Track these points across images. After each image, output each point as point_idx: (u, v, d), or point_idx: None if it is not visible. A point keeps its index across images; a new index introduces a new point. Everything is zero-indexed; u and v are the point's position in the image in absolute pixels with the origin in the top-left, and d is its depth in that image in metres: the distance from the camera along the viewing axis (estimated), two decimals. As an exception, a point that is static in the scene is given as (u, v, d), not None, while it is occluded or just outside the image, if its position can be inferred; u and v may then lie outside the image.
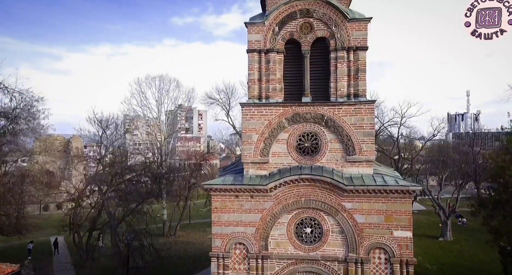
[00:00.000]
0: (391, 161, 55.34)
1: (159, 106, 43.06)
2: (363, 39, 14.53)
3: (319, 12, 14.70)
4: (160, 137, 40.27)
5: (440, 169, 68.19)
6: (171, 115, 42.31)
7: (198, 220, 48.86)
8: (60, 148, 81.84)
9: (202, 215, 48.78)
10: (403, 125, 54.14)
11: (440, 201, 40.65)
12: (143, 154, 45.48)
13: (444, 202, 44.63)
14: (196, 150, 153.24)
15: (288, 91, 15.08)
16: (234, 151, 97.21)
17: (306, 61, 14.84)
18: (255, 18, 15.73)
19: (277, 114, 14.59)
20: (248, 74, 15.03)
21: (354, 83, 14.53)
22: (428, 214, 46.50)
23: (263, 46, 14.81)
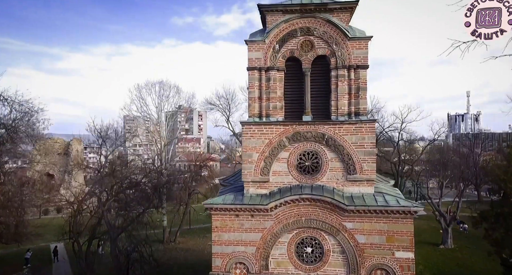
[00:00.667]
0: (391, 165, 55.45)
1: (159, 113, 43.07)
2: (364, 57, 14.45)
3: (319, 30, 14.61)
4: (160, 143, 40.19)
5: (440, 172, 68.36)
6: (171, 121, 42.15)
7: (198, 225, 48.80)
8: (60, 150, 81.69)
9: (202, 220, 48.74)
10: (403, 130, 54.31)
11: (441, 205, 40.56)
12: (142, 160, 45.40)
13: (445, 206, 44.49)
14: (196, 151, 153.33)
15: (289, 109, 15.01)
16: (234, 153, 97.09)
17: (307, 79, 14.75)
18: (255, 35, 15.65)
19: (278, 133, 14.51)
20: (248, 92, 14.94)
21: (355, 101, 14.45)
22: (428, 219, 46.26)
23: (263, 64, 14.72)
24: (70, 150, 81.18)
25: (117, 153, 47.56)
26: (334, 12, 14.87)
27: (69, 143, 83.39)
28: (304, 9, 14.83)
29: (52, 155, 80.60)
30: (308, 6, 14.82)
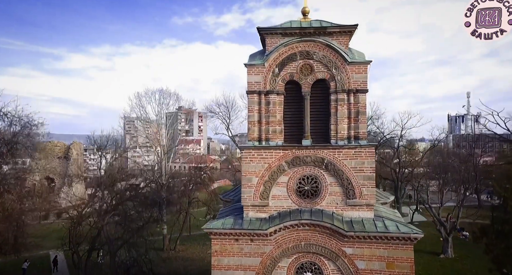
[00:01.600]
0: (391, 170, 55.36)
1: (159, 121, 42.90)
2: (363, 82, 14.44)
3: (319, 54, 14.59)
4: (160, 152, 40.16)
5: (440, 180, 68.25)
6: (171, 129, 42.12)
7: (198, 232, 48.49)
8: (60, 154, 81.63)
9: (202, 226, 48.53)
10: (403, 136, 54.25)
11: (441, 213, 40.40)
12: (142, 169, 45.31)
13: (445, 211, 44.21)
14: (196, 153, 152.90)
15: (288, 132, 14.98)
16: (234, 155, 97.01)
17: (307, 103, 14.73)
18: (254, 56, 15.64)
19: (277, 157, 14.49)
20: (248, 116, 14.94)
21: (355, 125, 14.44)
22: (429, 226, 46.07)
23: (263, 87, 14.70)
24: (70, 154, 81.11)
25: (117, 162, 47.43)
26: (333, 36, 14.87)
27: (69, 146, 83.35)
28: (303, 32, 14.83)
29: (52, 159, 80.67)
30: (307, 29, 14.82)
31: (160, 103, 43.60)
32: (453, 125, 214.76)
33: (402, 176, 55.60)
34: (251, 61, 15.21)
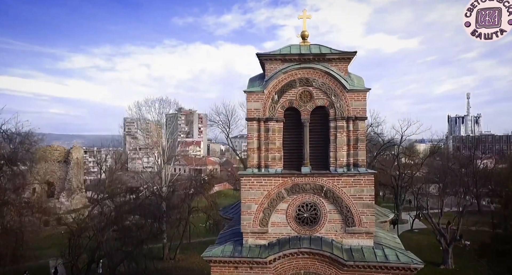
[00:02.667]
0: (391, 178, 55.44)
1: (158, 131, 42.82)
2: (362, 109, 14.45)
3: (318, 81, 14.59)
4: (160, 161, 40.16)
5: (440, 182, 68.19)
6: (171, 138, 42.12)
7: (198, 239, 48.53)
8: (60, 158, 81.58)
9: (202, 233, 48.48)
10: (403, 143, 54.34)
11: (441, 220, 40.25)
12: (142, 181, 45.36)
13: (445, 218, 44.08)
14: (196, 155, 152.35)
15: (288, 159, 14.99)
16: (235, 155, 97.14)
17: (306, 130, 14.73)
18: (254, 80, 15.66)
19: (276, 185, 14.49)
20: (247, 142, 14.94)
21: (354, 152, 14.45)
22: (429, 233, 46.09)
23: (262, 114, 14.69)
24: (70, 158, 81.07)
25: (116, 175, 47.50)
26: (332, 62, 14.89)
27: (69, 150, 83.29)
28: (302, 59, 14.85)
29: (52, 163, 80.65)
30: (306, 56, 14.84)
31: (160, 113, 43.61)
32: (453, 126, 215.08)
33: (402, 181, 55.67)
34: (250, 87, 15.22)
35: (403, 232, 48.80)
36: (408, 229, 50.45)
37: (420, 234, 48.03)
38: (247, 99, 14.85)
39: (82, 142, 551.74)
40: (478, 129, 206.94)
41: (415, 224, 52.50)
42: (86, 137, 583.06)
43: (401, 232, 48.43)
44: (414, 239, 46.14)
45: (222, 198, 77.65)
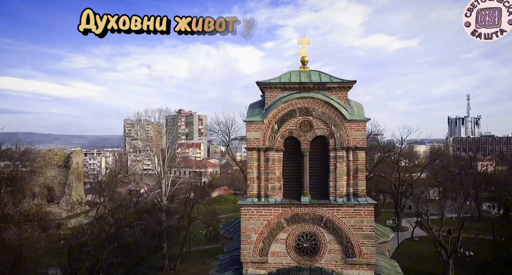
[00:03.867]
0: (391, 185, 55.43)
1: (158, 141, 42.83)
2: (362, 139, 14.46)
3: (318, 111, 14.59)
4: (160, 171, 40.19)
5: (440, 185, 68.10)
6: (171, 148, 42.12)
7: (198, 247, 48.56)
8: (60, 163, 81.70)
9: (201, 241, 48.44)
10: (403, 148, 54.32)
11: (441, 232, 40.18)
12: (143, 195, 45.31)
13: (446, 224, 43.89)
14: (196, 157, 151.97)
15: (287, 187, 14.98)
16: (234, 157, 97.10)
17: (306, 159, 14.72)
18: (254, 107, 15.66)
19: (276, 215, 14.49)
20: (247, 172, 14.95)
21: (353, 182, 14.45)
22: (429, 242, 45.91)
23: (262, 144, 14.68)
24: (70, 163, 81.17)
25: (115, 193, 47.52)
26: (332, 90, 14.91)
27: (69, 155, 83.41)
28: (302, 87, 14.85)
29: (52, 168, 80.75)
30: (306, 84, 14.86)
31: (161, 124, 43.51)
32: (453, 127, 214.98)
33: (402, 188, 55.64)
34: (250, 115, 15.23)
35: (403, 240, 48.79)
36: (408, 237, 50.38)
37: (420, 242, 47.91)
38: (247, 129, 14.85)
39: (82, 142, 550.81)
40: (478, 130, 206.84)
41: (416, 231, 52.34)
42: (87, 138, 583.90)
43: (401, 240, 48.46)
44: (415, 248, 46.19)
45: (222, 203, 77.69)
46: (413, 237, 49.89)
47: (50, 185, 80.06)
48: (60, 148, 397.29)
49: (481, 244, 44.22)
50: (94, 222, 27.70)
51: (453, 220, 43.26)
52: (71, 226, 67.37)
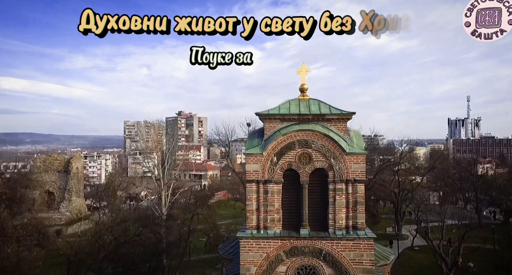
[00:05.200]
0: (392, 194, 55.40)
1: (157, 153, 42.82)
2: (361, 172, 14.43)
3: (317, 144, 14.56)
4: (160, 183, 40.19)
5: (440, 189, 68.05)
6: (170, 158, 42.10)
7: (198, 256, 48.39)
8: (60, 168, 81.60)
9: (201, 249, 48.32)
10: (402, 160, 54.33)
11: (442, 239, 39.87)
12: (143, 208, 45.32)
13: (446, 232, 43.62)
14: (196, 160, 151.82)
15: (287, 219, 14.96)
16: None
17: (305, 191, 14.70)
18: (253, 137, 15.63)
19: (275, 247, 14.46)
20: (246, 204, 14.94)
21: (353, 215, 14.44)
22: (429, 251, 45.79)
23: (261, 176, 14.66)
24: (70, 168, 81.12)
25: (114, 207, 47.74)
26: (331, 122, 14.90)
27: (69, 160, 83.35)
28: (301, 118, 14.83)
29: (52, 173, 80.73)
30: (305, 116, 14.83)
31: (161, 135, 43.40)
32: (453, 129, 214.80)
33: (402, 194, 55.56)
34: (249, 145, 15.22)
35: (403, 250, 48.61)
36: (408, 246, 50.24)
37: (420, 252, 47.71)
38: (246, 161, 14.84)
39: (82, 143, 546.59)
40: (478, 132, 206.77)
41: (416, 240, 52.11)
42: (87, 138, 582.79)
43: (401, 250, 48.27)
44: (415, 258, 46.06)
45: (222, 208, 77.39)
46: (413, 246, 49.74)
47: (50, 190, 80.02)
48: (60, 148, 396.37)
49: (481, 254, 44.17)
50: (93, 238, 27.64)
51: (453, 231, 42.96)
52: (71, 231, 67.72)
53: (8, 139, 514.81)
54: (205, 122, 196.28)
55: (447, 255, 37.16)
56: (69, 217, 76.14)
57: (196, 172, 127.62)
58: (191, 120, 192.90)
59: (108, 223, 30.68)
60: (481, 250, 45.61)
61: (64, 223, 73.60)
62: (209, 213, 42.61)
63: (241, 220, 58.67)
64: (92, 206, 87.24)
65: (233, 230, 63.11)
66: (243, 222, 16.75)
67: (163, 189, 39.83)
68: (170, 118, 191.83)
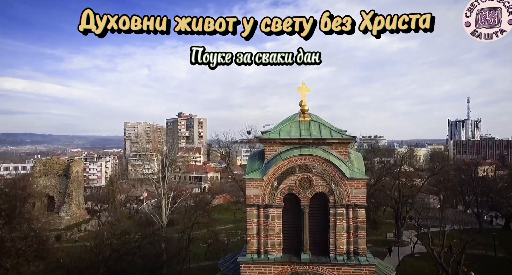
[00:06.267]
0: (392, 200, 55.28)
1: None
2: (362, 197, 14.36)
3: (318, 168, 14.49)
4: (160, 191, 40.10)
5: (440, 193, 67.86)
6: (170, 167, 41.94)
7: (197, 263, 48.28)
8: (60, 172, 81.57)
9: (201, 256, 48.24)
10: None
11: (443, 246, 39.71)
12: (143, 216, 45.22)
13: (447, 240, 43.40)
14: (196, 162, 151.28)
15: (287, 244, 14.89)
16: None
17: (305, 216, 14.64)
18: (254, 160, 15.57)
19: (276, 273, 14.41)
20: (247, 228, 14.86)
21: (354, 240, 14.37)
22: (430, 259, 45.68)
23: (261, 201, 14.60)
24: (70, 172, 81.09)
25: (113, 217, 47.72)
26: (332, 145, 14.82)
27: (69, 164, 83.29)
28: (302, 142, 14.76)
29: (52, 177, 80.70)
30: (306, 140, 14.75)
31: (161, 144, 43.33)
32: (453, 130, 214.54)
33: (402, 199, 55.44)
34: (250, 168, 15.17)
35: (404, 257, 48.40)
36: (409, 253, 50.07)
37: (421, 259, 47.48)
38: (247, 186, 14.78)
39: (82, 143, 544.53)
40: (479, 133, 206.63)
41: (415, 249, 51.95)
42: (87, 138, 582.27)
43: (402, 257, 48.11)
44: (416, 266, 45.89)
45: (222, 212, 77.25)
46: (414, 254, 49.57)
47: (50, 194, 80.00)
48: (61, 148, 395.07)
49: (483, 261, 44.08)
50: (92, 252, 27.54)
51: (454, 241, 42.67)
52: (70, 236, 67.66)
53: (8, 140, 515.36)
54: (205, 124, 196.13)
55: (448, 264, 37.05)
56: (69, 221, 76.24)
57: (196, 174, 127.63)
58: (191, 121, 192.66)
59: (108, 234, 30.59)
60: (483, 257, 45.52)
61: (64, 227, 73.67)
62: (209, 220, 42.45)
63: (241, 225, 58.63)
64: (92, 209, 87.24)
65: (233, 235, 63.11)
66: (243, 227, 16.66)
67: (163, 197, 39.74)
68: (170, 119, 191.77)
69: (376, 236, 55.86)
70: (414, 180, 64.75)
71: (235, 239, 59.64)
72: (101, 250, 26.08)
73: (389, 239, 56.58)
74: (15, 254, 25.86)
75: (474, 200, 65.85)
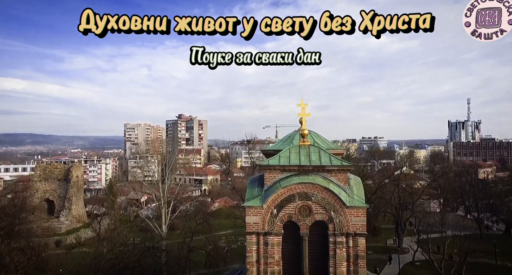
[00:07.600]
0: (392, 207, 55.31)
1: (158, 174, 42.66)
2: (362, 225, 14.29)
3: (317, 196, 14.44)
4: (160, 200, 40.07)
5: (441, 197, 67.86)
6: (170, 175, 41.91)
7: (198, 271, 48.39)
8: (60, 176, 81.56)
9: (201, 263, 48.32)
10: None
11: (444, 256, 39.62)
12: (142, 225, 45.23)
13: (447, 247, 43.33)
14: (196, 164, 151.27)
15: (287, 271, 14.83)
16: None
17: (305, 244, 14.58)
18: (254, 186, 15.53)
19: (276, 302, 14.33)
20: (246, 256, 14.81)
21: (354, 269, 14.30)
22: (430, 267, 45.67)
23: (261, 228, 14.55)
24: (70, 176, 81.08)
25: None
26: (331, 172, 14.79)
27: (69, 169, 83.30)
28: (301, 169, 14.72)
29: (52, 181, 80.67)
30: (306, 167, 14.71)
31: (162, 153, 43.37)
32: (454, 131, 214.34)
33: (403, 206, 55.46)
34: (249, 195, 15.13)
35: (404, 265, 48.39)
36: (409, 261, 50.04)
37: (422, 267, 47.43)
38: (246, 214, 14.73)
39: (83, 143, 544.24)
40: (479, 134, 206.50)
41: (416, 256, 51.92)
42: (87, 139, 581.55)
43: (402, 265, 48.11)
44: (416, 274, 45.93)
45: (222, 217, 77.11)
46: (414, 262, 49.55)
47: (50, 198, 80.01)
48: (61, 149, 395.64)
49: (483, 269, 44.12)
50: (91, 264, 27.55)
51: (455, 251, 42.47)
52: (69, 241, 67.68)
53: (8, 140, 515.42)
54: (205, 125, 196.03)
55: (449, 274, 37.07)
56: (69, 226, 76.21)
57: (196, 177, 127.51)
58: (191, 123, 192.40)
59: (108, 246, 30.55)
60: (483, 266, 45.55)
61: (64, 232, 73.70)
62: (209, 229, 42.44)
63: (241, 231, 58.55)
64: (92, 212, 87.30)
65: (233, 241, 63.07)
66: (243, 233, 16.58)
67: (163, 207, 39.72)
68: (170, 121, 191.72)
69: (376, 243, 55.88)
70: (414, 183, 64.79)
71: (235, 245, 59.60)
72: (100, 266, 26.04)
73: (389, 246, 56.60)
74: (14, 268, 25.87)
75: (474, 205, 65.90)
